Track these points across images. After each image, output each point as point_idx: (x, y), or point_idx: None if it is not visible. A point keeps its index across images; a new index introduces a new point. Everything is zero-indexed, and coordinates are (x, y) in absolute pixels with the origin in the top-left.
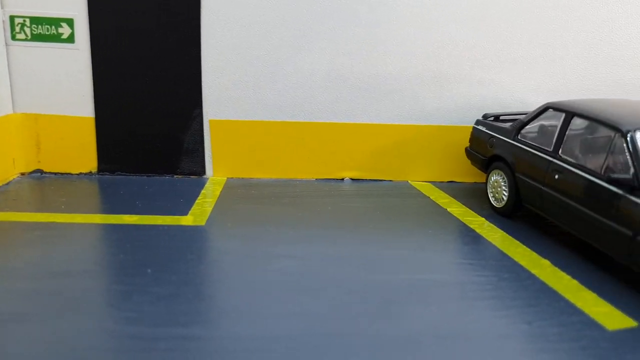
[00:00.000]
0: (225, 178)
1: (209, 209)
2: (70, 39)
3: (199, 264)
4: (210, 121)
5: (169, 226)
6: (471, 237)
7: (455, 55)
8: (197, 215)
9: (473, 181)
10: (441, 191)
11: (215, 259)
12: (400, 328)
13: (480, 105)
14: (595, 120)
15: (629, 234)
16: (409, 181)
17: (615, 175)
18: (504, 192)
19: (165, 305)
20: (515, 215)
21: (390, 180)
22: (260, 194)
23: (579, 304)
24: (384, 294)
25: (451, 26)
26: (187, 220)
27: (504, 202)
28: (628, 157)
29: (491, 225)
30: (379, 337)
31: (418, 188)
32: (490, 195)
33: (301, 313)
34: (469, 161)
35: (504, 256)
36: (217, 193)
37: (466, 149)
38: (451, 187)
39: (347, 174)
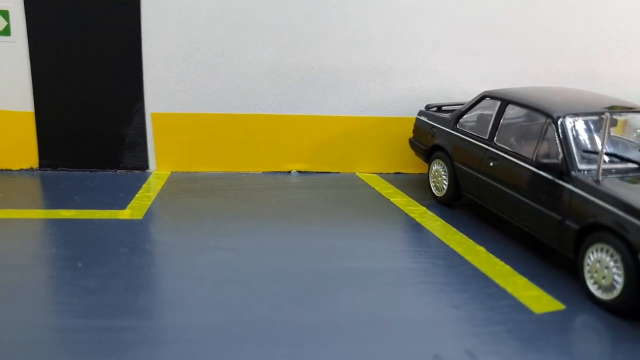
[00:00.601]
0: (170, 172)
1: (148, 202)
2: (6, 31)
3: (132, 256)
4: (152, 114)
5: (105, 220)
6: (411, 226)
7: (399, 47)
8: (136, 209)
9: (419, 172)
10: (387, 182)
11: (149, 252)
12: (326, 315)
13: (425, 97)
14: (527, 107)
15: (558, 218)
16: (356, 173)
17: (545, 161)
18: (444, 182)
19: (93, 297)
20: (456, 204)
21: (338, 173)
22: (204, 187)
23: (509, 289)
24: (315, 283)
25: (395, 18)
26: (124, 214)
27: (444, 191)
28: (558, 142)
29: (432, 214)
30: (304, 324)
31: (364, 179)
32: (432, 184)
33: (228, 303)
34: (414, 152)
35: (440, 244)
36: (159, 187)
37: (410, 140)
38: (398, 178)
39: (294, 167)
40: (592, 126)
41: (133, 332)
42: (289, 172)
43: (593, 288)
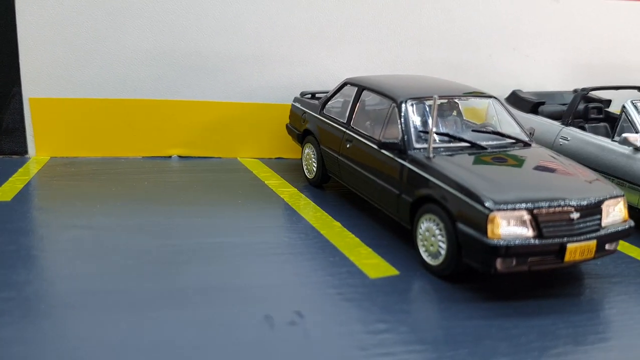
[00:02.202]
0: (49, 157)
1: (20, 186)
2: None
3: None
4: (30, 99)
5: None
6: (277, 205)
7: (274, 35)
8: (5, 192)
9: (299, 157)
10: (266, 167)
11: (9, 231)
12: (172, 284)
13: (303, 84)
14: (378, 93)
15: (396, 192)
16: (238, 158)
17: (386, 140)
18: (314, 164)
19: None
20: (327, 186)
21: (220, 158)
22: (79, 171)
23: (352, 258)
24: (168, 257)
25: (271, 6)
26: None
27: (314, 173)
28: (399, 124)
29: (300, 194)
30: (148, 293)
31: (245, 164)
32: (304, 167)
33: (77, 275)
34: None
35: (301, 220)
36: (35, 171)
37: (286, 125)
38: (278, 163)
39: (175, 152)
40: (430, 109)
41: None
42: (170, 156)
43: (424, 255)
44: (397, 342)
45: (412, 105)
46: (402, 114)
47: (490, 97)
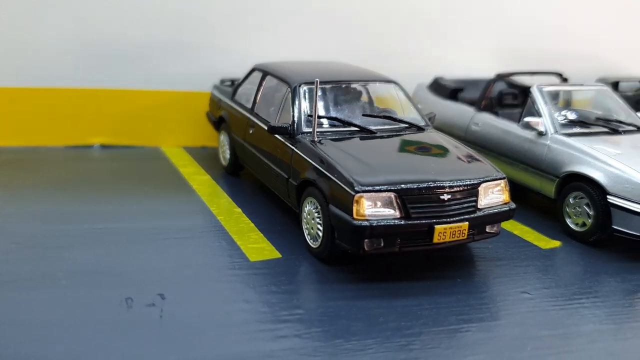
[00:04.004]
0: None
1: None
2: None
3: None
4: None
5: None
6: (183, 193)
7: (196, 22)
8: None
9: None
10: (188, 155)
11: None
12: (44, 267)
13: (228, 71)
14: (277, 78)
15: (285, 177)
16: (161, 147)
17: (275, 124)
18: (228, 151)
19: None
20: (243, 173)
21: (142, 147)
22: None
23: (239, 242)
24: (53, 241)
25: None
26: None
27: (227, 161)
28: (292, 107)
29: (212, 182)
30: (16, 275)
31: (166, 153)
32: (220, 155)
33: None
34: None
35: (202, 206)
36: None
37: (206, 113)
38: (202, 152)
39: (97, 140)
40: (327, 94)
41: None
42: (92, 145)
43: (307, 238)
44: (251, 321)
45: (305, 89)
46: (296, 98)
47: (391, 82)
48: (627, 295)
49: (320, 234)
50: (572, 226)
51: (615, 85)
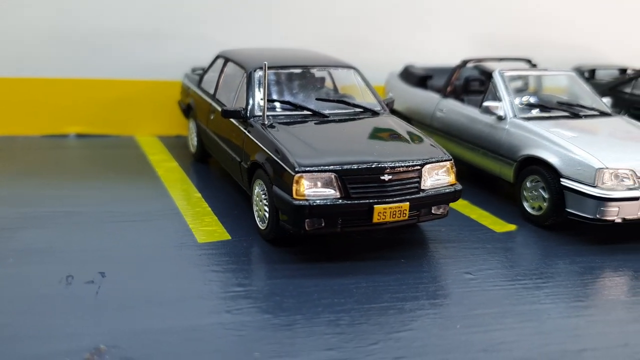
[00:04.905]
0: None
1: None
2: None
3: None
4: None
5: None
6: (148, 179)
7: (170, 11)
8: None
9: None
10: (161, 144)
11: None
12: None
13: (202, 61)
14: (235, 63)
15: (238, 160)
16: (136, 136)
17: (228, 108)
18: (195, 138)
19: None
20: (212, 160)
21: (118, 136)
22: None
23: (191, 225)
24: (10, 223)
25: None
26: None
27: (196, 148)
28: (246, 92)
29: (179, 169)
30: None
31: (139, 142)
32: (189, 142)
33: None
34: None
35: (163, 192)
36: None
37: (178, 102)
38: (175, 140)
39: (73, 130)
40: (284, 79)
41: None
42: (67, 135)
43: (257, 220)
44: (186, 298)
45: (259, 74)
46: (252, 82)
47: (350, 68)
48: (572, 277)
49: (267, 215)
50: (529, 210)
51: (592, 73)
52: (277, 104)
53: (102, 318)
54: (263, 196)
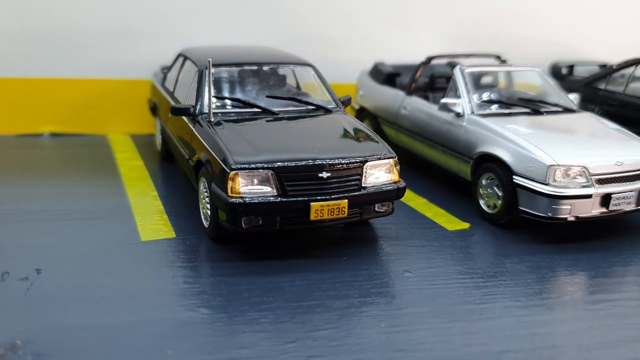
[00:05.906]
0: None
1: None
2: None
3: None
4: None
5: None
6: (109, 177)
7: (139, 11)
8: None
9: None
10: (131, 142)
11: None
12: None
13: (172, 59)
14: (191, 61)
15: (187, 157)
16: (109, 135)
17: (176, 105)
18: (160, 136)
19: None
20: (174, 159)
21: (91, 135)
22: None
23: (139, 223)
24: None
25: None
26: None
27: (160, 146)
28: (198, 89)
29: (143, 167)
30: None
31: (110, 141)
32: (156, 141)
33: None
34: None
35: (120, 190)
36: None
37: (148, 100)
38: (147, 139)
39: (47, 129)
40: (235, 77)
41: None
42: (42, 134)
43: (202, 218)
44: (115, 295)
45: (213, 72)
46: (202, 79)
47: (306, 65)
48: (515, 277)
49: (209, 213)
50: (484, 208)
51: (570, 69)
52: (228, 102)
53: (27, 314)
54: (206, 194)
